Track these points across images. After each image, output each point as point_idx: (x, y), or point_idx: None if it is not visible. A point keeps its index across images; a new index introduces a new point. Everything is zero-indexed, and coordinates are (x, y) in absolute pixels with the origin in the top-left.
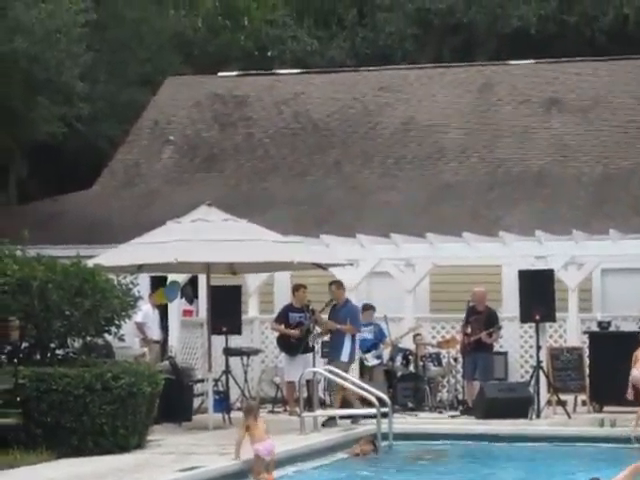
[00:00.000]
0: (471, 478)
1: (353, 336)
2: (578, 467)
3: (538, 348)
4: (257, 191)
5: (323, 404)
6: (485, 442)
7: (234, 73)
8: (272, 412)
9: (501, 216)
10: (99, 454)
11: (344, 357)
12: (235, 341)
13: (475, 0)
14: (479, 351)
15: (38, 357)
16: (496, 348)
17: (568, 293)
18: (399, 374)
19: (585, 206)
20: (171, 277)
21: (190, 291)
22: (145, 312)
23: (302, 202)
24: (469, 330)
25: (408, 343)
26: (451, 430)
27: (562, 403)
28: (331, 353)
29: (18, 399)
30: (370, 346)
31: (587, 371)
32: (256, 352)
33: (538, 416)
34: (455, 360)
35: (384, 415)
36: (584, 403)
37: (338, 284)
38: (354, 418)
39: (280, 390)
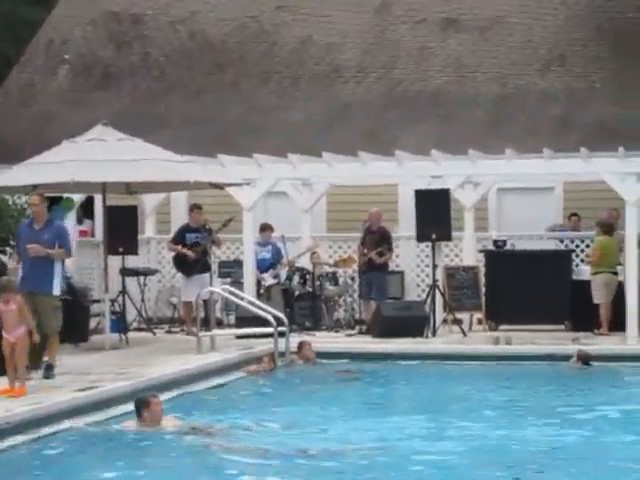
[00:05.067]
0: (365, 394)
1: (62, 262)
2: (473, 385)
3: (434, 267)
4: (153, 111)
5: (220, 324)
6: (380, 360)
7: None
8: (169, 332)
9: (398, 136)
10: None
11: (56, 290)
12: (132, 261)
13: None
14: (375, 270)
15: None
16: (392, 267)
17: (464, 212)
18: (296, 293)
19: (481, 126)
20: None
21: (80, 212)
22: None
23: (199, 122)
24: (365, 250)
25: (305, 262)
26: (347, 349)
27: (458, 322)
28: (37, 286)
29: None
30: (268, 266)
31: (483, 290)
32: (153, 272)
33: (434, 334)
34: (352, 279)
35: (281, 334)
36: (480, 322)
37: (41, 197)
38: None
39: (177, 310)
